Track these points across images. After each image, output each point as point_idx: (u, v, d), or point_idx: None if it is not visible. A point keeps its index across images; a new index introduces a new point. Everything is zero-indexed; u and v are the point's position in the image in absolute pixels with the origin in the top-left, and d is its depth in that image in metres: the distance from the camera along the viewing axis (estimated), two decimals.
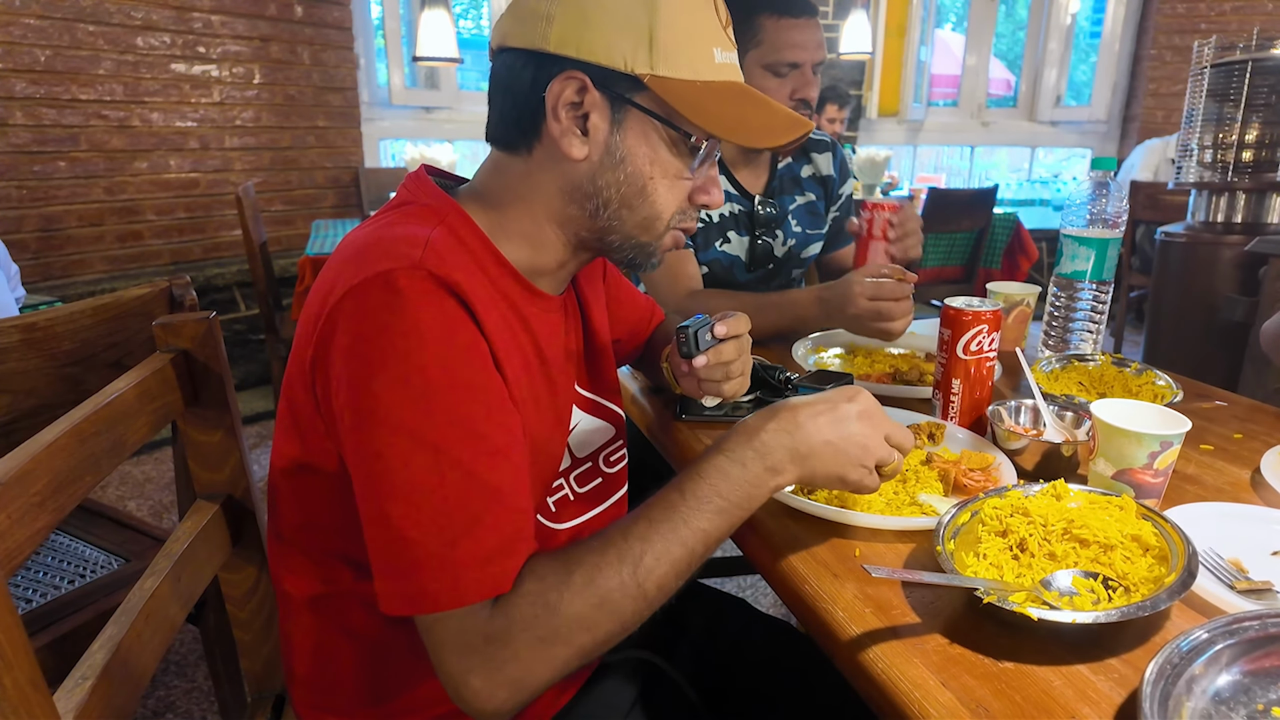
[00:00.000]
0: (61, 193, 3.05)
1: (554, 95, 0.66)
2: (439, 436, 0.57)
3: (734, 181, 1.48)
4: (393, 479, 0.57)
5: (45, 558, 1.21)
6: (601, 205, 0.70)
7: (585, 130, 0.68)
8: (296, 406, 0.66)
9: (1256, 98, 2.14)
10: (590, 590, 0.58)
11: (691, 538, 0.61)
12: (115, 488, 2.54)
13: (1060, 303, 1.20)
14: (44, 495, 0.55)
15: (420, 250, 0.61)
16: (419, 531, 0.56)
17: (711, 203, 0.74)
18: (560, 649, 0.57)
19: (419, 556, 0.56)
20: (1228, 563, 0.66)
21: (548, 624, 0.57)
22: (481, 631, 0.57)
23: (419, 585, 0.56)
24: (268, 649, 0.87)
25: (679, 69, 0.66)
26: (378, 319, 0.58)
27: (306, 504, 0.70)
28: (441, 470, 0.57)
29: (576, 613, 0.57)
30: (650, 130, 0.68)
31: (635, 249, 0.73)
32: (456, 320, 0.60)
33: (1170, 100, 4.81)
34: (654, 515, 0.61)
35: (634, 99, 0.67)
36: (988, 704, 0.51)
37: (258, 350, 3.45)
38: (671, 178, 0.71)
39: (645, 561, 0.59)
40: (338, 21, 3.66)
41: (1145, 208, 3.74)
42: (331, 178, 3.79)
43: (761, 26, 1.32)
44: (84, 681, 0.56)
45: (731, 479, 0.63)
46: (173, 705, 1.60)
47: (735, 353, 0.87)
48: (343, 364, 0.59)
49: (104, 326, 0.97)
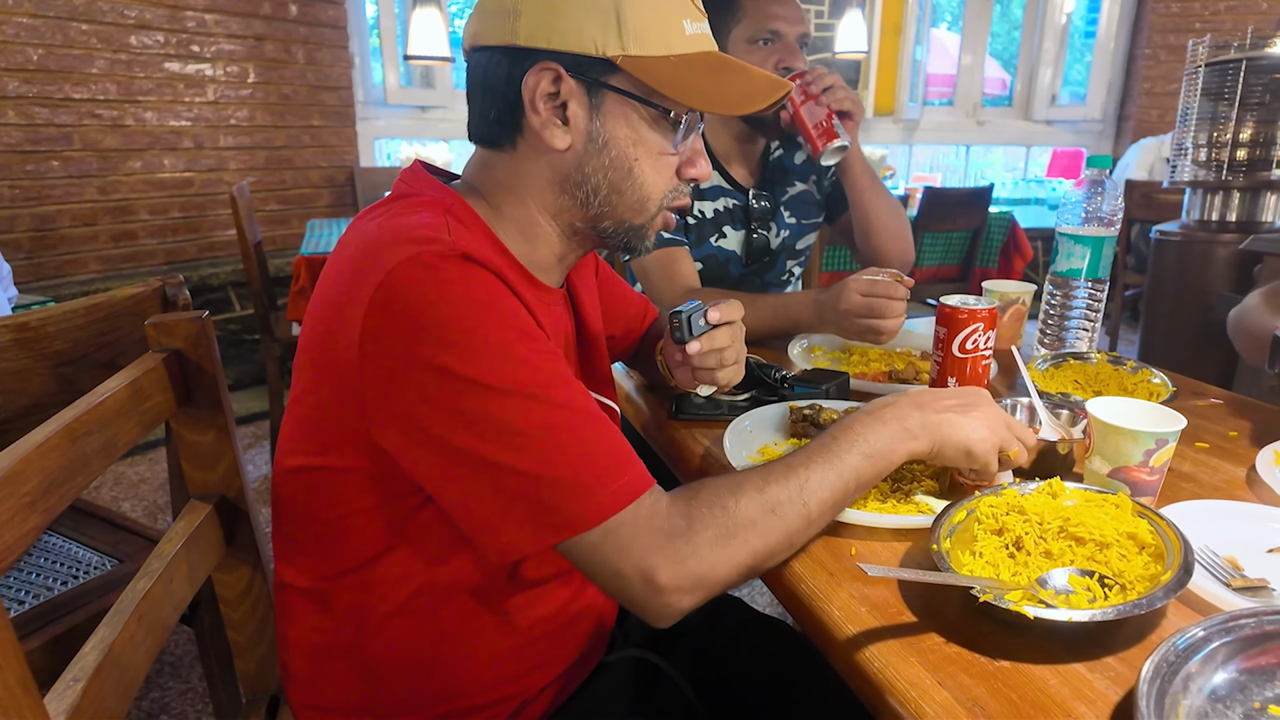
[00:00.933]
0: (55, 192, 3.03)
1: (530, 88, 0.67)
2: (526, 382, 0.59)
3: (726, 175, 1.47)
4: (501, 433, 0.58)
5: (37, 559, 1.20)
6: (591, 192, 0.71)
7: (565, 120, 0.68)
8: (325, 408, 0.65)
9: (1250, 96, 2.15)
10: (762, 497, 0.63)
11: (847, 471, 0.67)
12: (109, 488, 2.54)
13: (1056, 301, 1.21)
14: (35, 495, 0.55)
15: (443, 233, 0.62)
16: (544, 469, 0.58)
17: (699, 175, 0.74)
18: (737, 547, 0.61)
19: (555, 488, 0.58)
20: (1223, 560, 0.66)
21: (725, 523, 0.61)
22: (663, 529, 0.60)
23: (566, 513, 0.59)
24: (262, 649, 0.86)
25: (651, 46, 0.67)
26: (424, 300, 0.58)
27: (317, 502, 0.69)
28: (543, 411, 0.59)
29: (749, 515, 0.62)
30: (630, 111, 0.69)
31: (628, 233, 0.74)
32: (499, 287, 0.61)
33: (1165, 99, 4.82)
34: (811, 450, 0.68)
35: (609, 82, 0.67)
36: (984, 703, 0.51)
37: (252, 350, 3.44)
38: (656, 156, 0.71)
39: (810, 482, 0.65)
40: (332, 20, 3.65)
41: (1140, 206, 3.75)
42: (326, 177, 3.78)
43: (741, 4, 1.35)
44: (75, 683, 0.56)
45: (877, 432, 0.69)
46: (167, 707, 1.60)
47: (729, 339, 0.87)
48: (403, 357, 0.58)
49: (96, 326, 0.97)
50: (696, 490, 0.64)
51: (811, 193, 1.57)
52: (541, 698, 0.78)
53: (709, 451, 0.90)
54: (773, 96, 0.72)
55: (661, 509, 0.61)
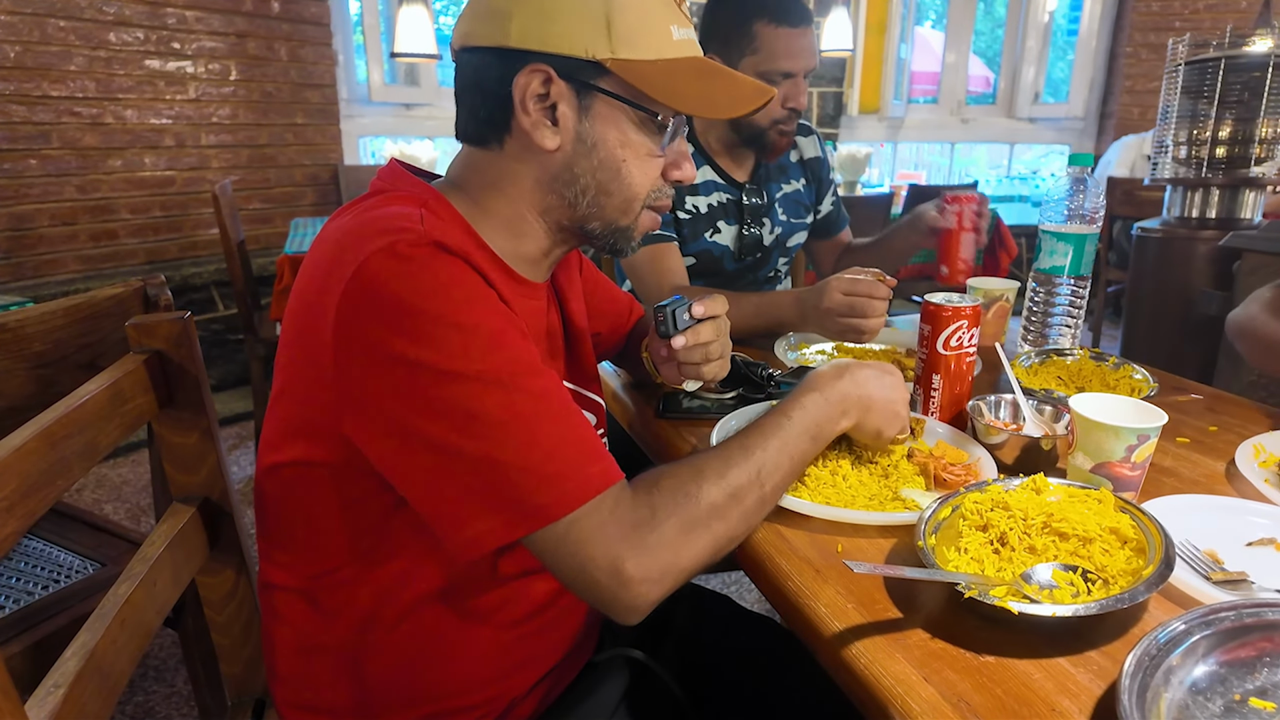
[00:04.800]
0: (33, 191, 2.99)
1: (520, 89, 0.68)
2: (499, 371, 0.59)
3: (719, 170, 1.47)
4: (472, 421, 0.58)
5: (18, 563, 1.18)
6: (580, 192, 0.71)
7: (555, 120, 0.69)
8: (302, 403, 0.65)
9: (1229, 95, 2.17)
10: (724, 482, 0.65)
11: (797, 453, 0.72)
12: (91, 491, 2.51)
13: (1039, 298, 1.22)
14: (13, 500, 0.54)
15: (417, 223, 0.62)
16: (512, 457, 0.58)
17: (684, 177, 0.75)
18: (701, 534, 0.63)
19: (523, 477, 0.58)
20: (1204, 554, 0.67)
21: (689, 511, 0.63)
22: (628, 519, 0.61)
23: (533, 503, 0.58)
24: (247, 652, 0.86)
25: (639, 50, 0.68)
26: (397, 289, 0.58)
27: (299, 500, 0.69)
28: (514, 400, 0.59)
29: (713, 501, 0.64)
30: (618, 114, 0.70)
31: (615, 234, 0.75)
32: (471, 275, 0.61)
33: (1146, 97, 4.86)
34: (766, 430, 0.71)
35: (599, 85, 0.68)
36: (969, 698, 0.52)
37: (236, 350, 3.41)
38: (644, 157, 0.72)
39: (766, 465, 0.68)
40: (315, 17, 3.62)
41: (1122, 204, 3.79)
42: (310, 175, 3.75)
43: (758, 34, 1.32)
44: (56, 689, 0.55)
45: (821, 411, 0.75)
46: (152, 711, 1.58)
47: (713, 334, 0.87)
48: (375, 348, 0.58)
49: (76, 327, 0.96)
50: (657, 478, 0.65)
51: (802, 193, 1.58)
52: (530, 697, 0.77)
53: (696, 450, 0.91)
54: (757, 101, 0.73)
55: (626, 499, 0.62)
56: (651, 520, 0.61)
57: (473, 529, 0.59)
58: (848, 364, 0.80)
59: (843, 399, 0.76)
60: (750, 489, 0.67)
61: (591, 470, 0.61)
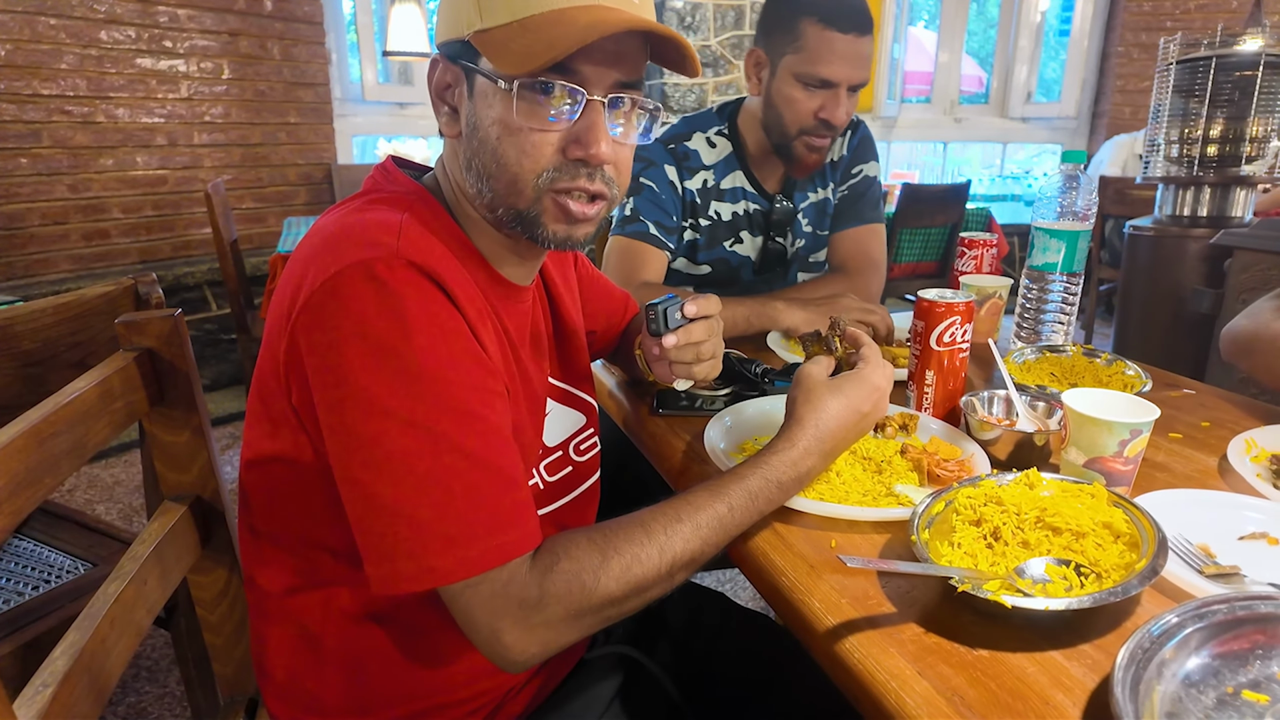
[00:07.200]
0: (24, 190, 2.97)
1: (431, 83, 0.70)
2: (433, 420, 0.57)
3: (752, 178, 1.41)
4: (390, 464, 0.57)
5: (7, 563, 1.18)
6: (476, 178, 0.69)
7: (458, 108, 0.70)
8: (269, 399, 0.65)
9: (1220, 94, 2.18)
10: (627, 576, 0.61)
11: (732, 526, 0.67)
12: (83, 491, 2.49)
13: (1032, 295, 1.22)
14: (0, 497, 0.54)
15: (395, 238, 0.61)
16: (421, 511, 0.57)
17: (588, 156, 0.65)
18: (590, 619, 0.61)
19: (423, 535, 0.57)
20: (1196, 548, 0.67)
21: (582, 601, 0.60)
22: (516, 597, 0.59)
23: (427, 563, 0.57)
24: (240, 651, 0.85)
25: (498, 15, 0.63)
26: (360, 310, 0.57)
27: (279, 496, 0.69)
28: (439, 452, 0.57)
29: (609, 593, 0.61)
30: (490, 90, 0.65)
31: (520, 221, 0.68)
32: (440, 306, 0.60)
33: (1138, 96, 4.88)
34: (698, 514, 0.65)
35: (473, 63, 0.66)
36: (963, 692, 0.52)
37: (229, 350, 3.40)
38: (524, 134, 0.65)
39: (681, 558, 0.63)
40: (308, 16, 3.61)
41: (1114, 202, 3.80)
42: (303, 174, 3.74)
43: (804, 32, 1.22)
44: (45, 689, 0.55)
45: (769, 489, 0.69)
46: (144, 711, 1.57)
47: (705, 333, 0.87)
48: (324, 356, 0.58)
49: (66, 325, 0.95)
50: (559, 556, 0.60)
51: (830, 202, 1.50)
52: (523, 693, 0.77)
53: (690, 447, 0.90)
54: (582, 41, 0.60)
55: (520, 576, 0.59)
56: (539, 603, 0.59)
57: (378, 570, 0.58)
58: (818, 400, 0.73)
59: (794, 465, 0.70)
60: (656, 583, 0.63)
61: (500, 539, 0.58)
